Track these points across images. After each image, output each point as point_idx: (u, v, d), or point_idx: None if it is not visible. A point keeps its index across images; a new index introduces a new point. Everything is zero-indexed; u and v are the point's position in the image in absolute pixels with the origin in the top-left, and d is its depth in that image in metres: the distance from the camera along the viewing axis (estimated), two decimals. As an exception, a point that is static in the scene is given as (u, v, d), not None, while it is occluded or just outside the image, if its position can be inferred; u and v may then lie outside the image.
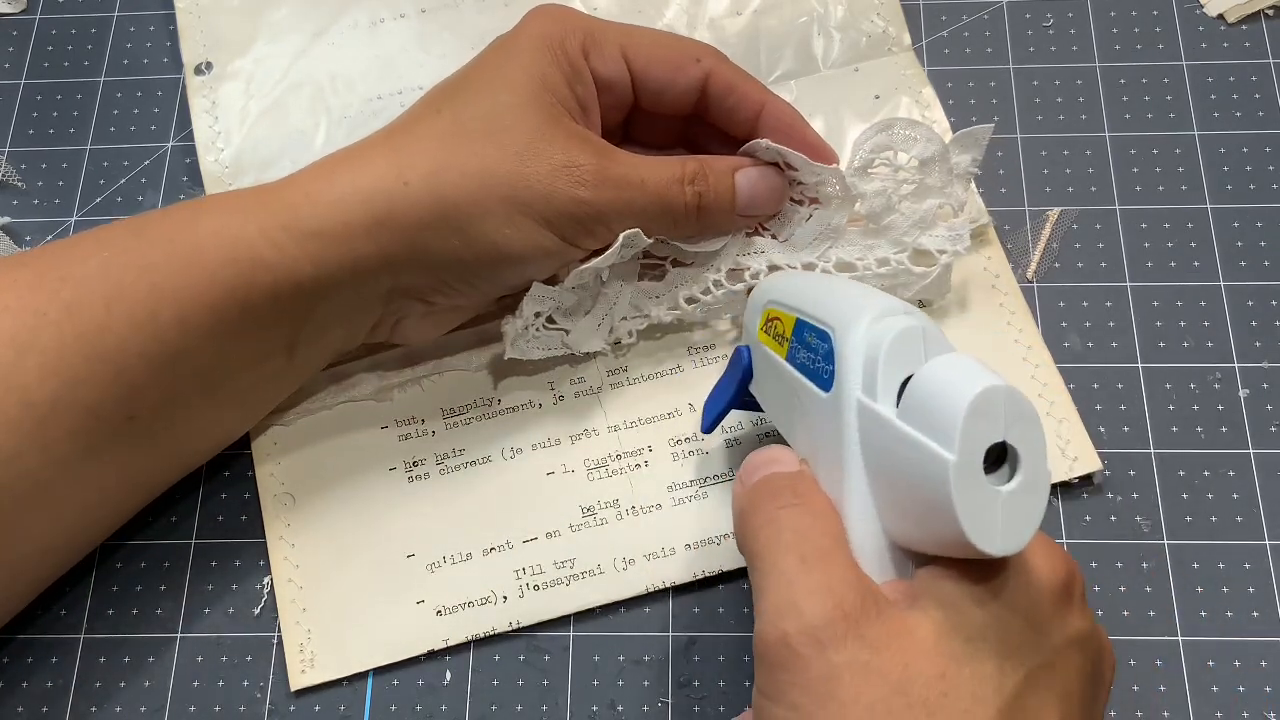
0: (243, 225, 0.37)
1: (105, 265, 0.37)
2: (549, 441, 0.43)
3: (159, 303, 0.36)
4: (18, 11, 0.53)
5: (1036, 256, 0.45)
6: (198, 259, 0.37)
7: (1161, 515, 0.41)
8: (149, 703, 0.40)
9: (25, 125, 0.50)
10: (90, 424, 0.36)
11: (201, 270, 0.37)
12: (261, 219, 0.37)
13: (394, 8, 0.50)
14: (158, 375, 0.37)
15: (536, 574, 0.41)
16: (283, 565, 0.42)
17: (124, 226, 0.38)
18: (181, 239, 0.37)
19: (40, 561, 0.39)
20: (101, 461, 0.37)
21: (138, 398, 0.37)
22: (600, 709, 0.40)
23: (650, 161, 0.40)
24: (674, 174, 0.40)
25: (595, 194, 0.38)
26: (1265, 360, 0.43)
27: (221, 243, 0.37)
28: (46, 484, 0.36)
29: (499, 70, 0.39)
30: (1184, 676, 0.39)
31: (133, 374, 0.36)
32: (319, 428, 0.43)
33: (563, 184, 0.38)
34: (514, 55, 0.39)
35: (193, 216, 0.38)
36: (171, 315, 0.36)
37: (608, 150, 0.39)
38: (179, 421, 0.39)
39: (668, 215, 0.40)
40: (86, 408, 0.36)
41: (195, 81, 0.49)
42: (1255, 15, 0.49)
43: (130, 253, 0.37)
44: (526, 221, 0.38)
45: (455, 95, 0.39)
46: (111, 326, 0.36)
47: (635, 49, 0.41)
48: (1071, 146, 0.47)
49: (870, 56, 0.48)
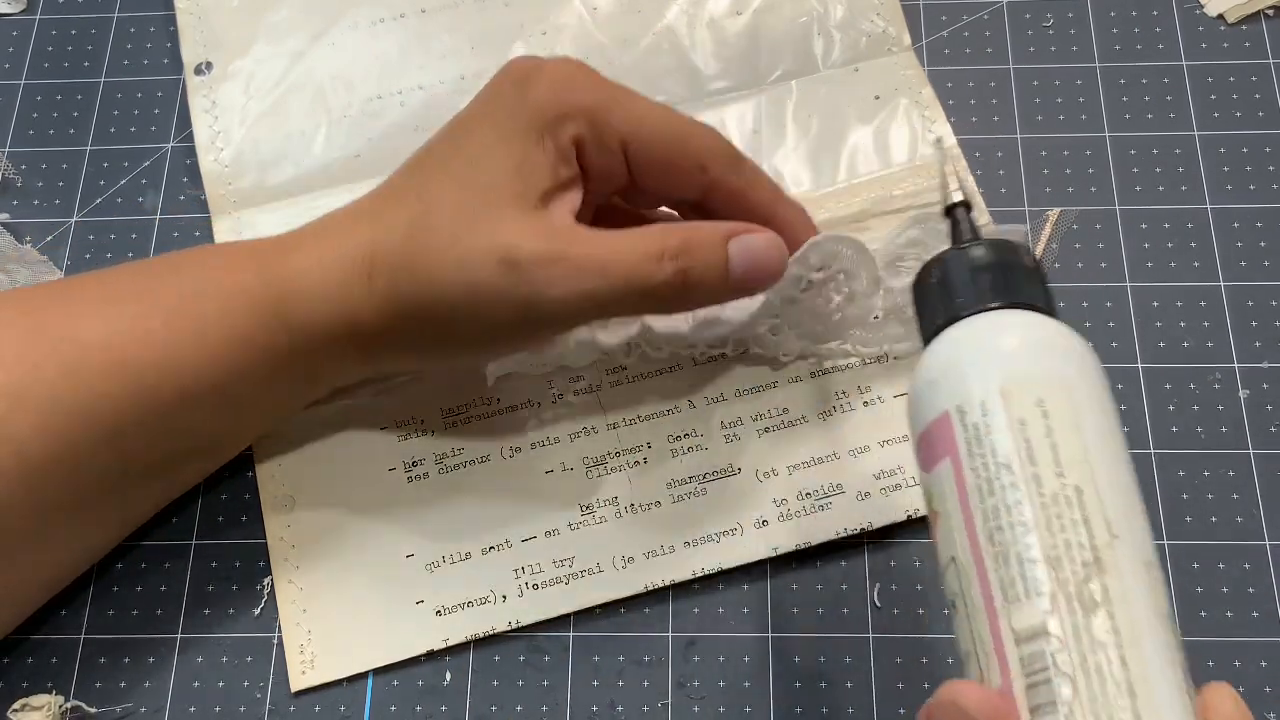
0: (242, 309, 0.37)
1: (107, 327, 0.36)
2: (548, 440, 0.43)
3: (161, 378, 0.36)
4: (18, 11, 0.53)
5: (1036, 256, 0.45)
6: (201, 338, 0.37)
7: (1161, 515, 0.41)
8: (149, 703, 0.40)
9: (25, 125, 0.50)
10: (84, 479, 0.36)
11: (204, 349, 0.37)
12: (259, 306, 0.37)
13: (394, 8, 0.50)
14: (156, 441, 0.37)
15: (536, 573, 0.41)
16: (283, 565, 0.42)
17: (130, 283, 0.38)
18: (185, 313, 0.37)
19: (34, 590, 0.39)
20: (95, 512, 0.38)
21: (134, 459, 0.37)
22: (600, 709, 0.40)
23: (619, 238, 0.36)
24: (649, 250, 0.35)
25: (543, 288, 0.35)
26: (1265, 360, 0.43)
27: (222, 324, 0.37)
28: (39, 535, 0.36)
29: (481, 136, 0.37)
30: (1184, 676, 0.39)
31: (130, 440, 0.36)
32: (319, 428, 0.43)
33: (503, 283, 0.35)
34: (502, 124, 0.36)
35: (197, 288, 0.38)
36: (173, 390, 0.36)
37: (570, 231, 0.36)
38: (175, 473, 0.39)
39: (644, 300, 0.37)
40: (81, 466, 0.36)
41: (195, 81, 0.49)
42: (1255, 15, 0.49)
43: (134, 319, 0.37)
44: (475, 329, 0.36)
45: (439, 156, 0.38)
46: (110, 395, 0.36)
47: (638, 145, 0.37)
48: (1071, 146, 0.47)
49: (870, 56, 0.48)
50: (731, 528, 0.41)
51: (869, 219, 0.45)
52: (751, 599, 0.41)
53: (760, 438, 0.43)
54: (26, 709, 0.40)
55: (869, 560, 0.41)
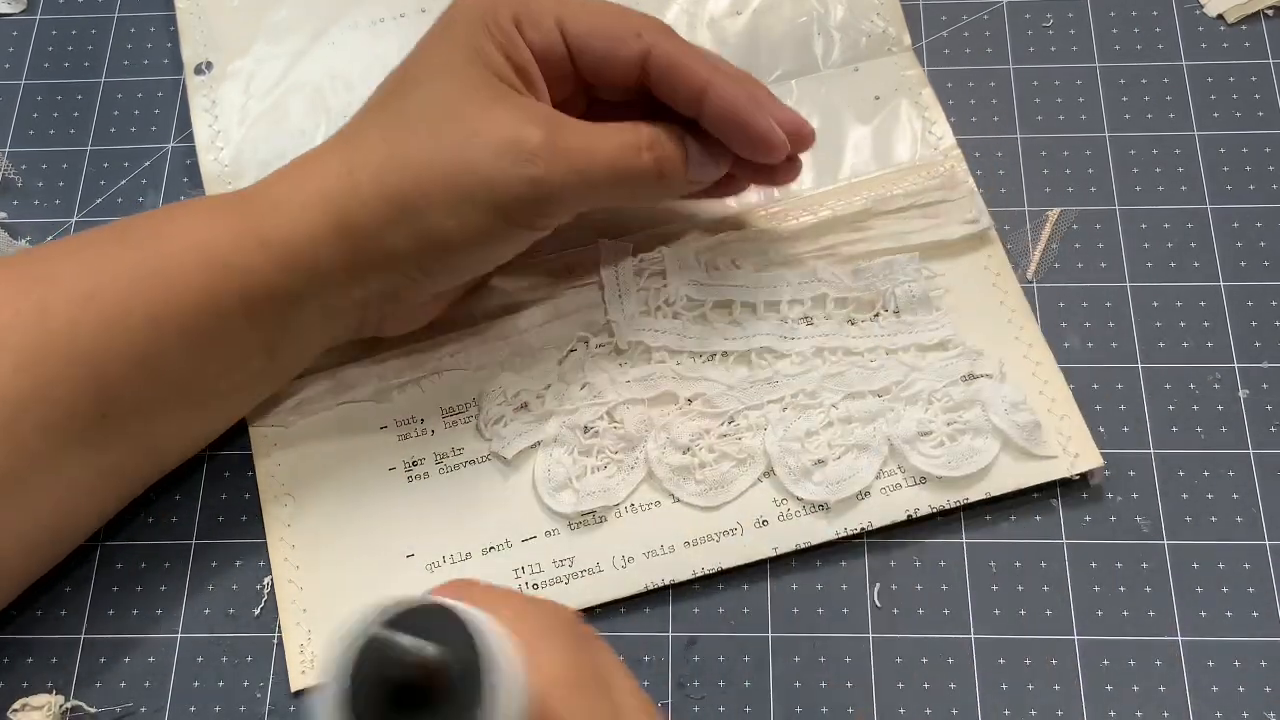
0: (216, 232, 0.38)
1: (82, 267, 0.37)
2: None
3: (132, 305, 0.37)
4: (18, 11, 0.53)
5: (1036, 256, 0.45)
6: (171, 264, 0.37)
7: (1161, 515, 0.41)
8: (149, 703, 0.40)
9: (25, 125, 0.50)
10: (62, 420, 0.37)
11: (175, 275, 0.37)
12: (234, 227, 0.38)
13: (394, 8, 0.50)
14: (132, 376, 0.37)
15: (535, 573, 0.41)
16: (283, 565, 0.42)
17: (107, 230, 0.39)
18: (157, 243, 0.38)
19: (20, 558, 0.39)
20: (74, 457, 0.37)
21: (111, 397, 0.37)
22: (600, 709, 0.40)
23: (602, 129, 0.39)
24: (629, 140, 0.39)
25: (546, 170, 0.37)
26: (1265, 360, 0.43)
27: (195, 248, 0.37)
28: (17, 478, 0.36)
29: (436, 54, 0.39)
30: (1184, 676, 0.39)
31: (106, 374, 0.37)
32: (319, 428, 0.43)
33: (508, 164, 0.37)
34: (449, 37, 0.39)
35: (170, 221, 0.39)
36: (144, 318, 0.37)
37: (556, 120, 0.38)
38: (156, 420, 0.39)
39: (625, 184, 0.39)
40: (58, 404, 0.36)
41: (195, 81, 0.49)
42: (1255, 15, 0.49)
43: (108, 256, 0.38)
44: (470, 210, 0.37)
45: (398, 86, 0.39)
46: (85, 326, 0.36)
47: (571, 20, 0.39)
48: (1071, 146, 0.47)
49: (870, 56, 0.48)
50: (731, 528, 0.41)
51: (870, 219, 0.45)
52: (751, 599, 0.41)
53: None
54: (26, 709, 0.40)
55: (869, 560, 0.41)
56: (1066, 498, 0.42)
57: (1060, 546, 0.41)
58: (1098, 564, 0.41)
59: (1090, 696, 0.39)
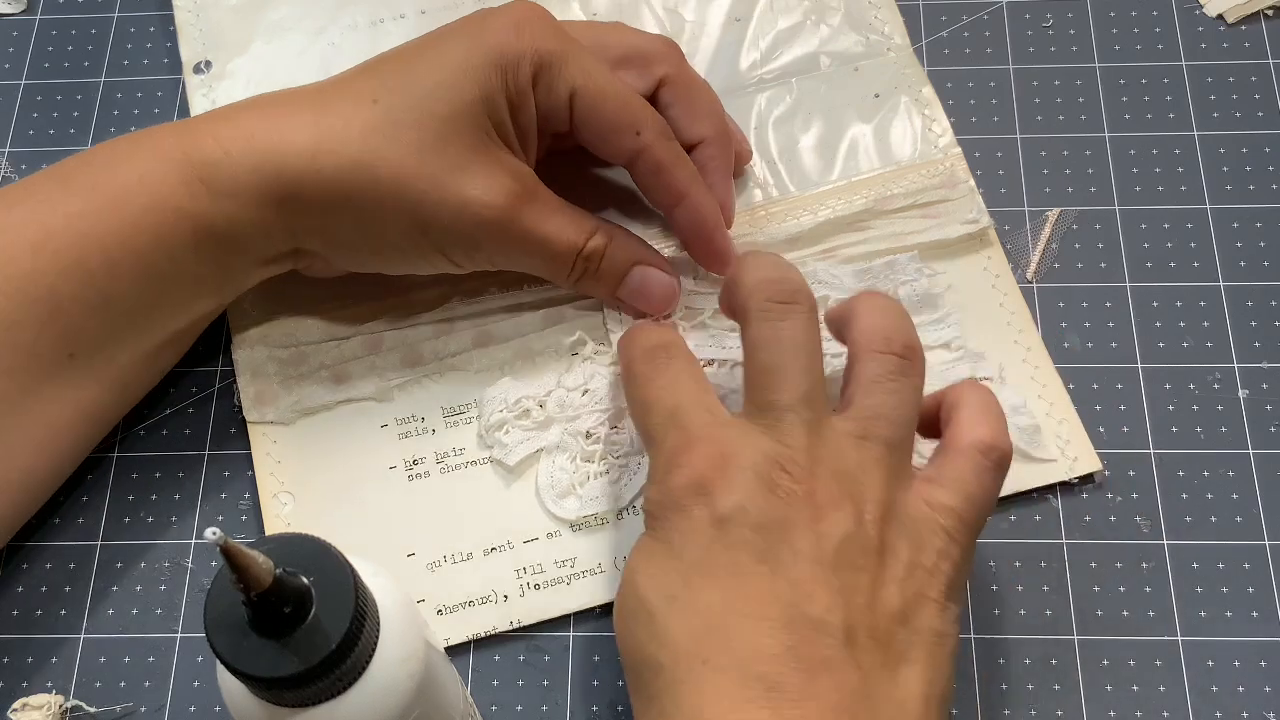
0: (164, 174, 0.38)
1: (32, 212, 0.38)
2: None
3: (86, 248, 0.38)
4: (18, 12, 0.53)
5: (1036, 257, 0.45)
6: (122, 206, 0.38)
7: (1161, 515, 0.41)
8: (149, 703, 0.40)
9: (25, 125, 0.50)
10: (29, 363, 0.37)
11: (126, 216, 0.38)
12: (183, 169, 0.38)
13: (394, 8, 0.50)
14: (92, 316, 0.38)
15: (537, 573, 0.41)
16: (283, 565, 0.41)
17: (48, 175, 0.40)
18: (105, 185, 0.38)
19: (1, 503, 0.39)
20: (45, 398, 0.38)
21: (75, 337, 0.38)
22: (600, 709, 0.40)
23: (561, 219, 0.40)
24: (575, 244, 0.40)
25: (492, 241, 0.39)
26: (1265, 360, 0.43)
27: (144, 189, 0.38)
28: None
29: (445, 73, 0.39)
30: (1184, 676, 0.39)
31: (67, 316, 0.38)
32: (319, 428, 0.43)
33: (466, 220, 0.39)
34: (466, 63, 0.39)
35: (115, 161, 0.39)
36: (99, 260, 0.38)
37: (524, 193, 0.39)
38: (120, 356, 0.40)
39: (551, 274, 0.42)
40: (23, 347, 0.37)
41: (194, 80, 0.49)
42: (1255, 15, 0.49)
43: (55, 201, 0.38)
44: (420, 239, 0.39)
45: (396, 85, 0.39)
46: (41, 270, 0.37)
47: (582, 95, 0.39)
48: (1071, 147, 0.47)
49: (870, 56, 0.48)
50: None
51: (871, 219, 0.45)
52: (752, 599, 0.41)
53: None
54: (26, 709, 0.40)
55: (869, 560, 0.41)
56: (1066, 498, 0.42)
57: (1060, 546, 0.41)
58: (1098, 564, 0.41)
59: (1090, 696, 0.39)
